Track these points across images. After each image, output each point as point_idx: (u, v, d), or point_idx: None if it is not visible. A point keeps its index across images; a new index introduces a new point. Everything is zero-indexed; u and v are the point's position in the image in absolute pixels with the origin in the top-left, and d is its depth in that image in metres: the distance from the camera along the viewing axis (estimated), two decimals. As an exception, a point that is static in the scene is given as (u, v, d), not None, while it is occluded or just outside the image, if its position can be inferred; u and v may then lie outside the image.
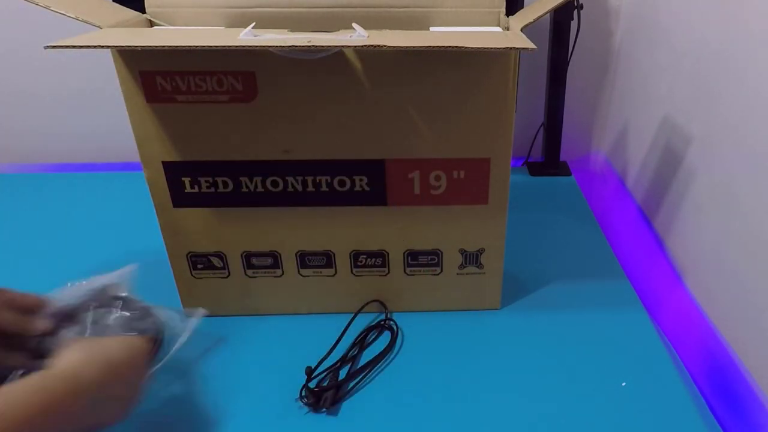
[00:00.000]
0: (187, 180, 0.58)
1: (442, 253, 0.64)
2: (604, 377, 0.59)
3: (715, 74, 0.63)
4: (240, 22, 0.62)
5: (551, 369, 0.60)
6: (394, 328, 0.65)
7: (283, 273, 0.65)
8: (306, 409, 0.56)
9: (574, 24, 0.88)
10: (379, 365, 0.61)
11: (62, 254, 0.79)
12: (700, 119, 0.67)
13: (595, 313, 0.67)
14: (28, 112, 1.07)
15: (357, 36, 0.51)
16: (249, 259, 0.64)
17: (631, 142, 0.89)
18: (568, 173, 0.99)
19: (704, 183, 0.66)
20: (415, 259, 0.64)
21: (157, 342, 0.51)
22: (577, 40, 0.90)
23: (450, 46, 0.45)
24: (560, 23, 0.89)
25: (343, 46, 0.51)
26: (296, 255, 0.64)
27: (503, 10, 0.63)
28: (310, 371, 0.58)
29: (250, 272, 0.64)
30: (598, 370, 0.60)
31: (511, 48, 0.47)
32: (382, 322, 0.65)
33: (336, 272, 0.65)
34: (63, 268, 0.76)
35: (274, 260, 0.64)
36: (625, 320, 0.67)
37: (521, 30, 0.53)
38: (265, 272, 0.64)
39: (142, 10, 0.62)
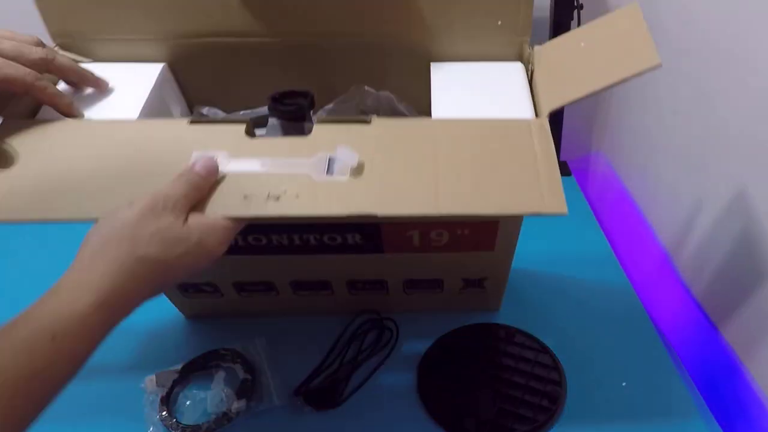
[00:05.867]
0: None
1: (443, 281, 0.60)
2: (604, 377, 0.59)
3: (716, 74, 0.63)
4: (185, 55, 0.53)
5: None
6: (393, 327, 0.65)
7: (278, 294, 0.61)
8: (307, 408, 0.56)
9: (574, 24, 0.88)
10: (379, 365, 0.61)
11: (62, 255, 0.79)
12: (700, 119, 0.67)
13: (595, 313, 0.67)
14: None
15: (341, 163, 0.40)
16: (241, 287, 0.60)
17: (631, 142, 0.89)
18: (568, 173, 0.98)
19: (704, 182, 0.66)
20: (415, 285, 0.60)
21: None
22: (577, 40, 0.89)
23: (463, 215, 0.38)
24: (560, 23, 0.89)
25: (325, 216, 0.39)
26: (290, 284, 0.59)
27: (527, 39, 0.52)
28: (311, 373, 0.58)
29: (244, 294, 0.61)
30: (598, 370, 0.60)
31: (537, 213, 0.38)
32: (380, 322, 0.65)
33: (333, 293, 0.61)
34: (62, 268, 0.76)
35: (267, 286, 0.60)
36: (625, 320, 0.67)
37: (551, 113, 0.44)
38: (259, 294, 0.61)
39: None
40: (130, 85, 0.50)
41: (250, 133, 0.43)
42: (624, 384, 0.58)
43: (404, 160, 0.41)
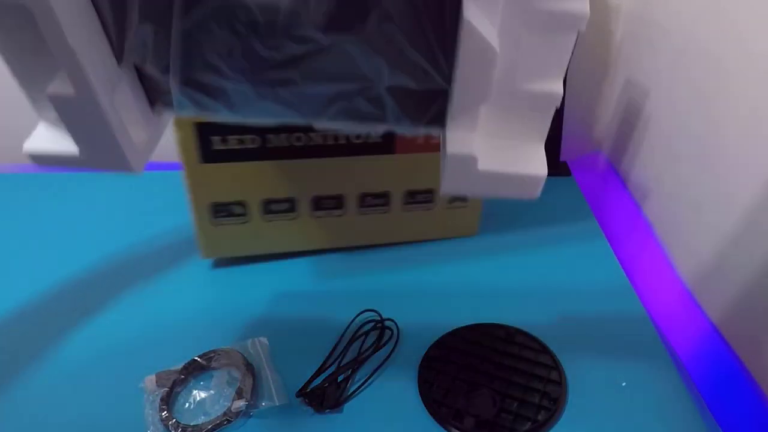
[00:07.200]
0: (217, 138, 0.63)
1: (434, 190, 0.74)
2: (604, 377, 0.59)
3: (715, 74, 0.63)
4: None
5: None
6: (393, 327, 0.65)
7: (298, 215, 0.72)
8: (308, 409, 0.56)
9: (574, 24, 0.88)
10: (379, 365, 0.61)
11: (62, 254, 0.79)
12: (699, 119, 0.67)
13: (595, 313, 0.67)
14: (28, 112, 1.07)
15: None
16: (268, 206, 0.71)
17: (631, 142, 0.89)
18: (568, 173, 0.98)
19: (704, 183, 0.66)
20: (413, 196, 0.74)
21: None
22: (577, 40, 0.89)
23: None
24: (560, 23, 0.89)
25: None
26: (311, 199, 0.71)
27: None
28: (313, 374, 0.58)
29: (267, 217, 0.71)
30: (598, 369, 0.60)
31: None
32: (381, 322, 0.65)
33: (345, 211, 0.73)
34: (62, 268, 0.76)
35: (290, 205, 0.71)
36: (625, 320, 0.67)
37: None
38: (281, 215, 0.72)
39: None
40: None
41: None
42: (624, 384, 0.59)
43: None
